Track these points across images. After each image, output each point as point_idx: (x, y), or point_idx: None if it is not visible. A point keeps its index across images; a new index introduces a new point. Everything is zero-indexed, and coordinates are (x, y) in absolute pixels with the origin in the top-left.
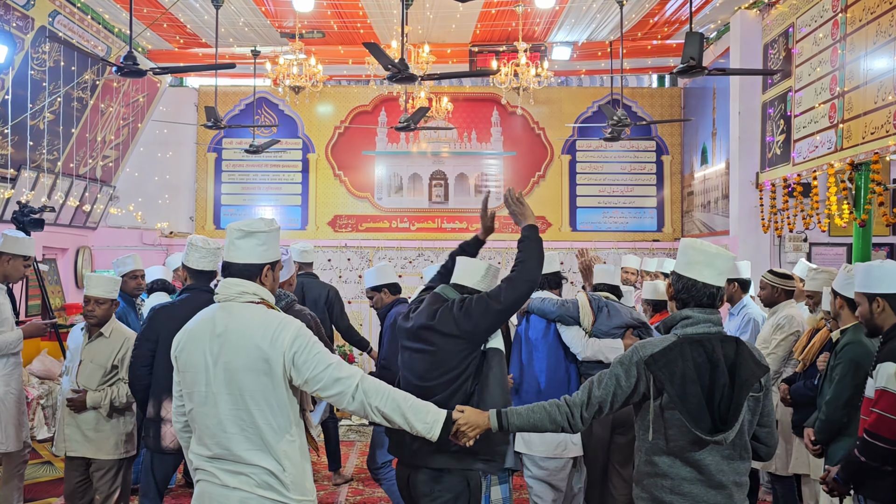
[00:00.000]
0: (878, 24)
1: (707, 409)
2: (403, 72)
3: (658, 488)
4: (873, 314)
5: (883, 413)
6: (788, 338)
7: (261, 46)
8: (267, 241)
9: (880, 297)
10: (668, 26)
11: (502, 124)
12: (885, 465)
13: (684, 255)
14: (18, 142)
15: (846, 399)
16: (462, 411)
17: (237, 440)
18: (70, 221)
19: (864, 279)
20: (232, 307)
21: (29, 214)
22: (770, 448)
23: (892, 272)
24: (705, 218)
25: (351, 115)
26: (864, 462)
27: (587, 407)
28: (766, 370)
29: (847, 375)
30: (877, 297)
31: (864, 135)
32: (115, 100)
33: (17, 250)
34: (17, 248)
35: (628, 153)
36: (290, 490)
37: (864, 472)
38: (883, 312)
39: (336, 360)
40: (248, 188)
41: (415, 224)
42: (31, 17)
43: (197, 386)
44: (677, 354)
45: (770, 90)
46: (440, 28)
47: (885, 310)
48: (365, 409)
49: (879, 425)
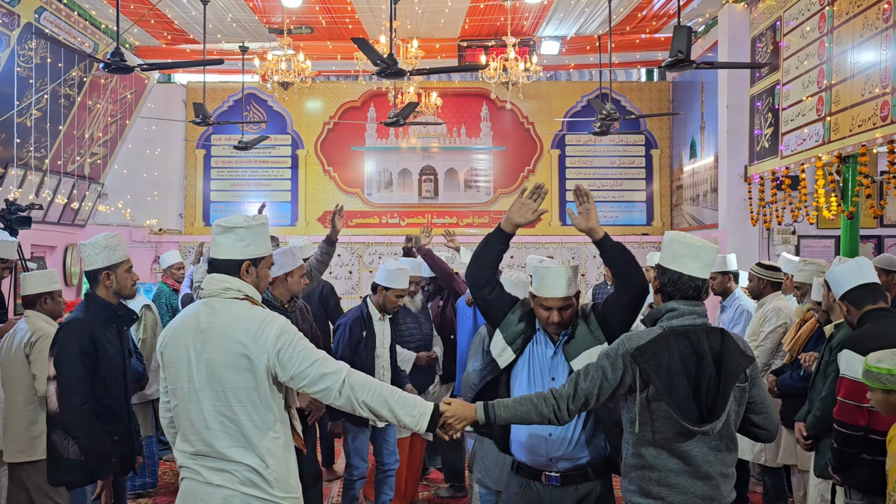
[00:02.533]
0: (864, 17)
1: (694, 400)
2: (392, 67)
3: (645, 480)
4: (847, 315)
5: (843, 400)
6: (776, 329)
7: (249, 42)
8: (246, 236)
9: (841, 301)
10: (656, 20)
11: (492, 119)
12: (862, 453)
13: (669, 249)
14: (5, 139)
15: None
16: (449, 404)
17: (220, 437)
18: (58, 219)
19: (834, 285)
20: (216, 303)
21: (16, 212)
22: (771, 431)
23: (840, 275)
24: (694, 211)
25: (340, 111)
26: (839, 449)
27: (573, 399)
28: (751, 360)
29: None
30: (839, 301)
31: (852, 127)
32: (103, 97)
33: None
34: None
35: (617, 147)
36: (274, 487)
37: (847, 459)
38: (849, 313)
39: (322, 355)
40: (238, 184)
41: (405, 219)
42: (17, 13)
43: (180, 382)
44: (663, 346)
45: (758, 83)
46: (429, 23)
47: (849, 310)
48: (352, 404)
49: (841, 412)
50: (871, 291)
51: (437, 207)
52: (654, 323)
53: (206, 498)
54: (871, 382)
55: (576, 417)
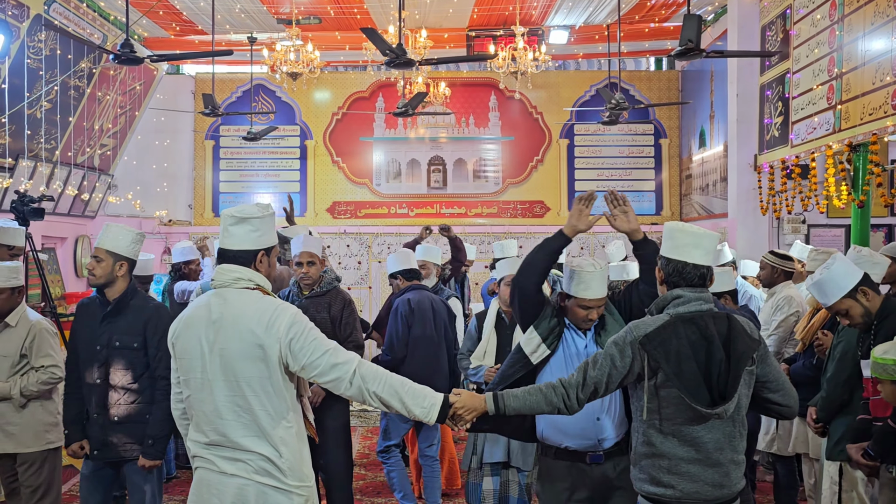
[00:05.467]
0: (875, 5)
1: (704, 385)
2: (401, 57)
3: (656, 469)
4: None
5: None
6: (788, 318)
7: (257, 33)
8: (260, 226)
9: (846, 299)
10: (665, 9)
11: (500, 109)
12: None
13: (671, 239)
14: (16, 131)
15: (846, 377)
16: (458, 394)
17: (234, 426)
18: (69, 210)
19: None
20: (227, 293)
21: (29, 204)
22: (792, 407)
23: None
24: (703, 201)
25: (348, 102)
26: (880, 445)
27: (583, 388)
28: (759, 343)
29: (848, 353)
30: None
31: (863, 116)
32: (112, 88)
33: (2, 240)
34: (2, 238)
35: (626, 137)
36: (288, 476)
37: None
38: (870, 300)
39: (333, 345)
40: (247, 175)
41: (413, 210)
42: (27, 5)
43: (193, 373)
44: (671, 333)
45: (768, 72)
46: (437, 13)
47: (870, 297)
48: (363, 395)
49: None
50: None
51: (445, 198)
52: (660, 310)
53: (221, 487)
54: (879, 374)
55: (619, 395)
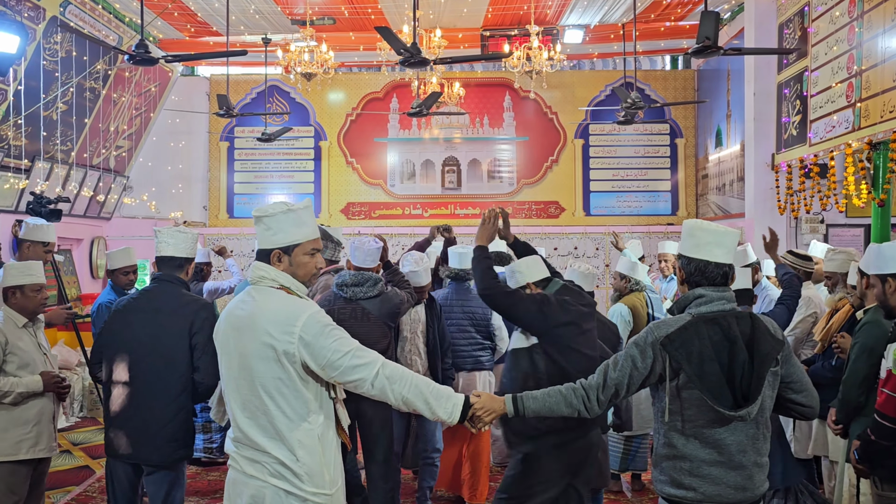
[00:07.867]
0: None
1: (727, 386)
2: (416, 56)
3: (677, 471)
4: (887, 294)
5: (891, 393)
6: (806, 319)
7: (271, 34)
8: (273, 224)
9: (891, 277)
10: (680, 7)
11: (515, 109)
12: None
13: (691, 238)
14: (32, 132)
15: (861, 378)
16: (479, 396)
17: (251, 427)
18: (84, 212)
19: (876, 260)
20: (255, 292)
21: (46, 205)
22: (814, 408)
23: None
24: (720, 201)
25: (363, 102)
26: (875, 441)
27: (603, 389)
28: (782, 344)
29: (863, 355)
30: (888, 278)
31: (883, 113)
32: (128, 90)
33: (36, 237)
34: (37, 235)
35: (642, 136)
36: (304, 481)
37: (878, 451)
38: (891, 294)
39: (355, 345)
40: (261, 176)
41: (428, 210)
42: (43, 7)
43: (223, 369)
44: (693, 334)
45: (785, 70)
46: (451, 13)
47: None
48: (385, 395)
49: (886, 405)
50: None
51: (459, 198)
52: (682, 310)
53: (242, 488)
54: None
55: None
